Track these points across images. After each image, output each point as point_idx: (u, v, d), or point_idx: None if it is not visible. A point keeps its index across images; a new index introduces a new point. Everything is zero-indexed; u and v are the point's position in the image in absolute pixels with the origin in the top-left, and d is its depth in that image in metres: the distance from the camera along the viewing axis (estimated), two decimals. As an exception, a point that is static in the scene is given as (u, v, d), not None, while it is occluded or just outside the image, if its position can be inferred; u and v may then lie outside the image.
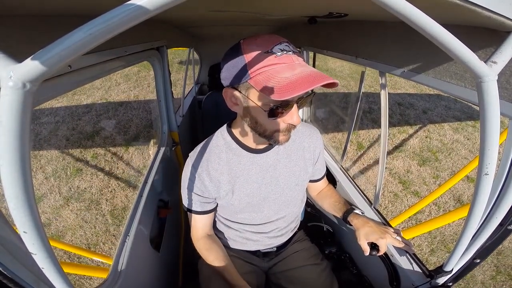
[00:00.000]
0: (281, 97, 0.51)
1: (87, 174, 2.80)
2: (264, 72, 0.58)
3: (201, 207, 0.84)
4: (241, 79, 0.61)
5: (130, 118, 3.87)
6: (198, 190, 0.81)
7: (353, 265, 1.11)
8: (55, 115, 3.82)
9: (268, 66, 0.58)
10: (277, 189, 0.86)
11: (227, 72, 0.65)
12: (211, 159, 0.80)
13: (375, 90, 5.14)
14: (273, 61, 0.58)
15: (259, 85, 0.57)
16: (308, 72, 0.55)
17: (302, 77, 0.53)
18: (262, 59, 0.58)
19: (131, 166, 2.97)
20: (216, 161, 0.80)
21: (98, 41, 0.23)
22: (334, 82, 0.53)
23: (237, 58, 0.61)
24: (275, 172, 0.84)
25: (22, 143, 0.23)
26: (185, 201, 0.86)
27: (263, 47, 0.59)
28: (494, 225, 0.56)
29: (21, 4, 0.42)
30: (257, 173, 0.82)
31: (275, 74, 0.56)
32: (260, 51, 0.59)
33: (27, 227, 0.26)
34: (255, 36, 0.63)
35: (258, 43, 0.61)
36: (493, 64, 0.35)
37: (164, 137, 1.43)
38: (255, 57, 0.59)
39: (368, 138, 3.64)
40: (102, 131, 3.51)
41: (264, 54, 0.58)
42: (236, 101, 0.68)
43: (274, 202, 0.87)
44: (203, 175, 0.80)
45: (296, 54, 0.61)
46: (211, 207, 0.86)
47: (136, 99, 4.47)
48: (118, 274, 0.80)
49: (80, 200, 2.51)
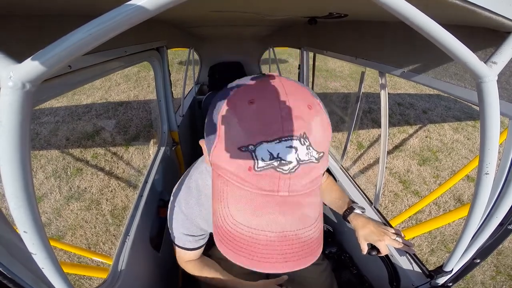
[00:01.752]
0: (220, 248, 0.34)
1: (87, 174, 2.80)
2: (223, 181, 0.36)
3: (194, 244, 0.79)
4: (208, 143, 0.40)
5: (130, 118, 3.87)
6: (192, 232, 0.75)
7: (353, 265, 1.11)
8: (55, 115, 3.82)
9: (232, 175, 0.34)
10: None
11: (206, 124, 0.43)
12: (203, 202, 0.71)
13: (375, 90, 5.14)
14: (245, 174, 0.33)
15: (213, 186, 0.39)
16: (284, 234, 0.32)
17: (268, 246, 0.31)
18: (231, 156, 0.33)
19: (131, 166, 2.97)
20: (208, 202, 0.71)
21: (98, 41, 0.23)
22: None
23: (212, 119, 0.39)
24: None
25: (22, 143, 0.24)
26: (176, 240, 0.77)
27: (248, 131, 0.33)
28: (494, 225, 0.56)
29: (21, 4, 0.42)
30: None
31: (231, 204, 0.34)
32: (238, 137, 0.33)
33: (27, 227, 0.26)
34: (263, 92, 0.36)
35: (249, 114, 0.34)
36: (493, 64, 0.35)
37: (164, 137, 1.43)
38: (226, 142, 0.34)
39: (368, 138, 3.64)
40: (102, 131, 3.51)
41: (236, 151, 0.33)
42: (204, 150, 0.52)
43: None
44: (197, 220, 0.72)
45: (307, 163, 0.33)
46: (204, 242, 0.82)
47: (136, 99, 4.47)
48: (118, 274, 0.80)
49: (80, 200, 2.51)
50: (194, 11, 0.85)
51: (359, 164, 3.16)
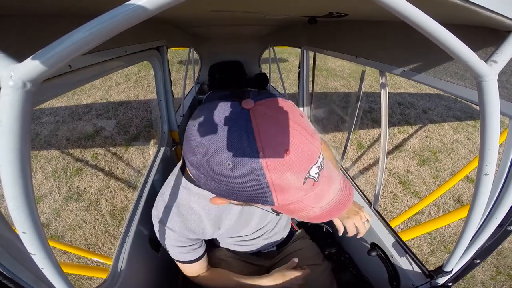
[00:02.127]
0: (313, 221, 0.47)
1: (87, 174, 2.80)
2: (296, 203, 0.43)
3: (193, 255, 0.77)
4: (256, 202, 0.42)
5: (130, 118, 3.87)
6: (184, 243, 0.73)
7: (353, 265, 1.11)
8: (55, 115, 3.82)
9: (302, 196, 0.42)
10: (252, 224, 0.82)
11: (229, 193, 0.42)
12: (187, 216, 0.70)
13: (375, 90, 5.14)
14: (310, 188, 0.42)
15: (286, 211, 0.45)
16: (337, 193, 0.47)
17: (336, 203, 0.46)
18: (298, 190, 0.41)
19: (131, 166, 2.97)
20: (192, 214, 0.71)
21: (98, 41, 0.23)
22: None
23: (251, 185, 0.39)
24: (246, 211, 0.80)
25: (22, 143, 0.23)
26: (175, 256, 0.75)
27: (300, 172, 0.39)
28: (494, 225, 0.56)
29: (21, 4, 0.42)
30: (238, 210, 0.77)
31: (311, 205, 0.44)
32: (297, 180, 0.39)
33: (26, 227, 0.26)
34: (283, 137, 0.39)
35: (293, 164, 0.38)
36: (493, 63, 0.35)
37: (164, 137, 1.43)
38: (289, 189, 0.40)
39: (368, 138, 3.64)
40: (102, 131, 3.51)
41: (301, 186, 0.40)
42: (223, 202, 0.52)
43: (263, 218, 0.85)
44: (183, 231, 0.71)
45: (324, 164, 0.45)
46: (203, 250, 0.80)
47: (136, 98, 4.47)
48: (117, 274, 0.80)
49: (79, 200, 2.51)
50: (194, 10, 0.85)
51: (359, 164, 3.16)
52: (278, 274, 0.80)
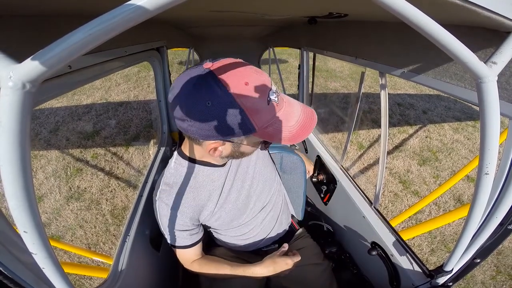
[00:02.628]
0: (293, 142, 0.56)
1: (87, 174, 2.80)
2: (272, 124, 0.55)
3: (190, 240, 0.80)
4: (242, 134, 0.53)
5: (130, 118, 3.87)
6: (184, 226, 0.77)
7: (354, 265, 1.11)
8: (55, 115, 3.82)
9: (273, 117, 0.55)
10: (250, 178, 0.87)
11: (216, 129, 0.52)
12: (185, 192, 0.75)
13: (375, 91, 5.14)
14: (275, 109, 0.55)
15: (266, 136, 0.55)
16: (301, 113, 0.60)
17: (303, 120, 0.59)
18: (266, 112, 0.53)
19: (131, 166, 2.97)
20: (190, 191, 0.75)
21: (98, 41, 0.23)
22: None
23: (233, 114, 0.50)
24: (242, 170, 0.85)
25: (22, 143, 0.24)
26: (170, 239, 0.79)
27: (262, 95, 0.52)
28: (494, 225, 0.56)
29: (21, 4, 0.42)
30: (230, 178, 0.82)
31: (284, 124, 0.56)
32: (261, 102, 0.52)
33: (27, 226, 0.26)
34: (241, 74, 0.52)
35: (253, 89, 0.51)
36: (493, 64, 0.35)
37: (164, 137, 1.43)
38: (259, 111, 0.52)
39: (368, 138, 3.64)
40: (102, 131, 3.51)
41: (267, 106, 0.53)
42: (222, 151, 0.62)
43: (254, 192, 0.88)
44: (183, 210, 0.75)
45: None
46: (200, 236, 0.83)
47: (136, 99, 4.47)
48: (118, 274, 0.80)
49: (80, 200, 2.51)
50: (194, 11, 0.85)
51: (359, 164, 3.16)
52: (269, 261, 0.82)
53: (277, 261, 0.82)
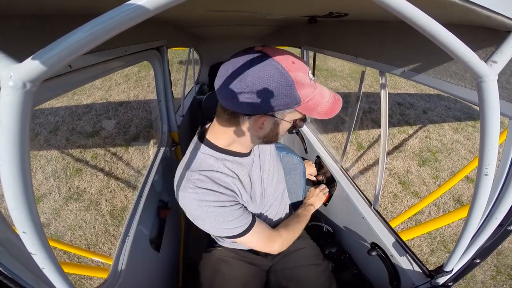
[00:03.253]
0: (327, 116, 0.64)
1: (86, 174, 2.80)
2: (312, 99, 0.62)
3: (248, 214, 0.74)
4: (289, 106, 0.61)
5: (130, 118, 3.87)
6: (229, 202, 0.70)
7: (353, 265, 1.11)
8: (55, 115, 3.82)
9: (313, 91, 0.62)
10: (267, 171, 0.88)
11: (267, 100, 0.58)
12: (221, 177, 0.71)
13: (375, 90, 5.14)
14: (314, 86, 0.62)
15: (307, 110, 0.62)
16: (332, 94, 0.68)
17: (334, 99, 0.66)
18: (309, 86, 0.61)
19: (131, 166, 2.97)
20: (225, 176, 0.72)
21: (98, 41, 0.23)
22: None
23: (286, 85, 0.57)
24: (263, 163, 0.87)
25: (22, 143, 0.23)
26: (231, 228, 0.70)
27: (305, 73, 0.61)
28: (494, 225, 0.56)
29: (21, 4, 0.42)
30: (255, 169, 0.82)
31: (320, 100, 0.63)
32: (305, 78, 0.60)
33: (26, 227, 0.26)
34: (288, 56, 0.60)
35: (299, 68, 0.59)
36: (493, 63, 0.35)
37: (164, 137, 1.43)
38: (305, 84, 0.60)
39: (368, 138, 3.64)
40: (102, 131, 3.51)
41: (309, 82, 0.61)
42: (262, 126, 0.65)
43: (269, 186, 0.89)
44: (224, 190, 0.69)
45: None
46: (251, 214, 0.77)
47: (136, 99, 4.47)
48: (118, 274, 0.80)
49: (79, 200, 2.51)
50: (194, 10, 0.85)
51: (358, 164, 3.16)
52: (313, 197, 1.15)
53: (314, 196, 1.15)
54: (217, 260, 0.94)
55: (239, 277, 0.91)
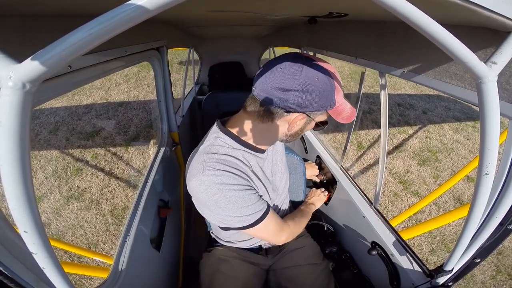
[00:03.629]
0: (348, 121, 0.72)
1: (87, 174, 2.80)
2: (341, 105, 0.70)
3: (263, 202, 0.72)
4: (324, 108, 0.67)
5: (130, 118, 3.87)
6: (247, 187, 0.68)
7: (354, 264, 1.11)
8: (55, 115, 3.82)
9: (342, 98, 0.70)
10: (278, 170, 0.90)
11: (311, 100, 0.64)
12: (239, 163, 0.70)
13: (375, 91, 5.14)
14: (342, 94, 0.70)
15: (335, 113, 0.69)
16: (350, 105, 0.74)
17: (351, 108, 0.73)
18: (341, 93, 0.69)
19: (131, 166, 2.97)
20: (243, 164, 0.72)
21: (98, 41, 0.23)
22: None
23: (330, 89, 0.65)
24: (276, 162, 0.89)
25: (22, 143, 0.24)
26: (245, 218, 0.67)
27: (339, 83, 0.68)
28: (494, 224, 0.56)
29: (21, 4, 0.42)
30: (269, 165, 0.85)
31: (345, 106, 0.71)
32: (339, 86, 0.68)
33: (27, 226, 0.26)
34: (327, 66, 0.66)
35: (336, 77, 0.67)
36: (493, 64, 0.35)
37: (164, 137, 1.43)
38: (340, 91, 0.68)
39: (368, 138, 3.64)
40: (102, 131, 3.51)
41: (341, 90, 0.69)
42: (296, 124, 0.70)
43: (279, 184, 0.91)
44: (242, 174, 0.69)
45: None
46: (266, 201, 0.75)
47: (136, 99, 4.47)
48: (118, 274, 0.80)
49: (80, 200, 2.51)
50: (194, 10, 0.85)
51: (359, 164, 3.16)
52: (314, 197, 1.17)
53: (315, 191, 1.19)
54: (217, 260, 0.94)
55: (239, 276, 0.91)
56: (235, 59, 2.70)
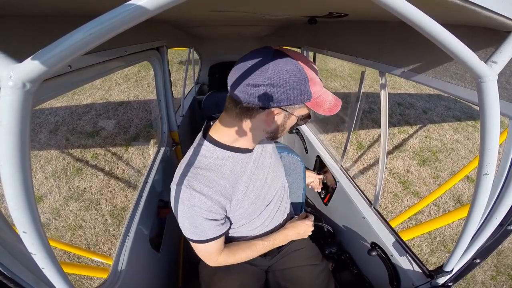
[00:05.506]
0: (331, 113, 0.67)
1: (87, 174, 2.80)
2: (320, 96, 0.67)
3: (220, 230, 0.77)
4: (301, 101, 0.65)
5: (130, 118, 3.87)
6: (215, 215, 0.74)
7: (353, 265, 1.11)
8: (55, 115, 3.82)
9: (321, 89, 0.67)
10: (267, 167, 0.88)
11: (283, 94, 0.62)
12: (217, 179, 0.73)
13: (375, 90, 5.14)
14: (321, 85, 0.67)
15: (315, 106, 0.66)
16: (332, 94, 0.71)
17: (335, 98, 0.70)
18: (319, 84, 0.66)
19: (131, 166, 2.97)
20: (222, 177, 0.74)
21: (98, 41, 0.23)
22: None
23: (302, 81, 0.62)
24: (264, 161, 0.87)
25: (22, 143, 0.23)
26: (196, 234, 0.74)
27: (315, 72, 0.66)
28: (494, 225, 0.56)
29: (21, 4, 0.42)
30: (255, 165, 0.83)
31: (326, 98, 0.67)
32: (316, 77, 0.65)
33: (26, 227, 0.26)
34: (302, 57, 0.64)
35: (311, 67, 0.65)
36: (493, 64, 0.35)
37: (164, 137, 1.43)
38: (316, 82, 0.65)
39: (368, 138, 3.64)
40: (102, 131, 3.51)
41: (319, 81, 0.66)
42: (274, 120, 0.68)
43: (270, 183, 0.89)
44: (216, 197, 0.72)
45: None
46: (228, 226, 0.81)
47: (136, 99, 4.47)
48: (118, 274, 0.80)
49: (80, 200, 2.51)
50: (194, 10, 0.85)
51: (359, 164, 3.16)
52: (290, 226, 0.94)
53: (297, 224, 0.94)
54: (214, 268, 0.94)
55: (238, 277, 0.91)
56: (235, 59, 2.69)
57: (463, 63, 0.31)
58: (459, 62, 0.32)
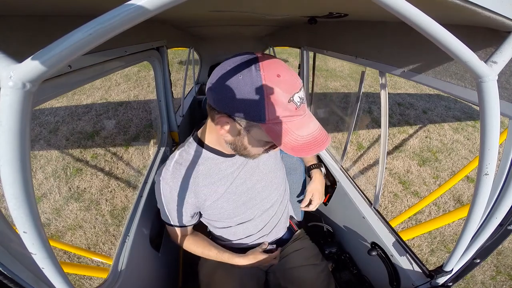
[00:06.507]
0: (293, 153, 0.55)
1: (87, 174, 2.80)
2: (282, 124, 0.54)
3: (186, 222, 0.86)
4: (252, 118, 0.55)
5: (130, 118, 3.87)
6: (180, 208, 0.81)
7: (353, 265, 1.11)
8: (55, 115, 3.82)
9: (287, 117, 0.54)
10: (260, 174, 0.88)
11: (233, 100, 0.55)
12: (191, 177, 0.77)
13: (375, 90, 5.14)
14: (293, 112, 0.55)
15: (272, 133, 0.55)
16: (317, 132, 0.58)
17: (314, 138, 0.57)
18: (284, 109, 0.54)
19: (131, 166, 2.97)
20: (196, 176, 0.77)
21: (98, 41, 0.23)
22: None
23: (254, 93, 0.53)
24: (252, 164, 0.86)
25: (22, 143, 0.23)
26: (166, 217, 0.84)
27: (287, 92, 0.53)
28: (494, 225, 0.56)
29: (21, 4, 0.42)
30: (238, 171, 0.83)
31: (293, 130, 0.55)
32: (284, 96, 0.53)
33: (27, 227, 0.26)
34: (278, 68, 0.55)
35: (282, 83, 0.53)
36: (493, 64, 0.35)
37: (164, 137, 1.43)
38: (277, 103, 0.53)
39: (368, 138, 3.64)
40: (102, 131, 3.51)
41: (287, 104, 0.53)
42: (229, 130, 0.62)
43: (263, 190, 0.89)
44: (184, 193, 0.77)
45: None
46: (195, 221, 0.90)
47: (136, 99, 4.47)
48: (118, 274, 0.80)
49: (80, 200, 2.51)
50: (194, 10, 0.85)
51: (359, 164, 3.16)
52: (251, 256, 0.89)
53: (258, 256, 0.89)
54: (216, 263, 0.94)
55: (238, 277, 0.91)
56: None
57: (463, 63, 0.31)
58: (459, 62, 0.32)
